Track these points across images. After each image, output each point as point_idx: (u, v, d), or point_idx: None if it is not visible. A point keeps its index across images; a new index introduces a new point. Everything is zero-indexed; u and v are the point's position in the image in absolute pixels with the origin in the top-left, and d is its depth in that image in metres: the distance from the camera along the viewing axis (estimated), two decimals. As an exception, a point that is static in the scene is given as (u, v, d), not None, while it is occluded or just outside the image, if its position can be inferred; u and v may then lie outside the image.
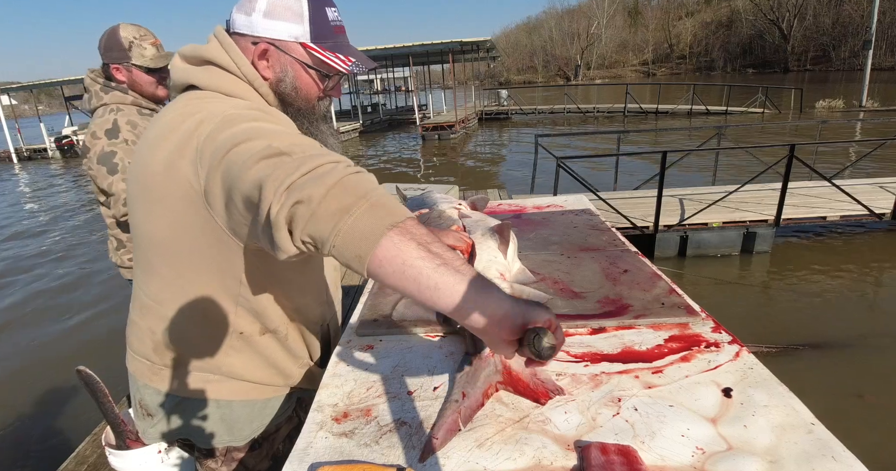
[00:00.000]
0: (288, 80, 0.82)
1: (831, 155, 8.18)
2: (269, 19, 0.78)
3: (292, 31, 0.79)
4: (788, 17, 43.94)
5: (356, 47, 0.86)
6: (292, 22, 0.78)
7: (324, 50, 0.80)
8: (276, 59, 0.81)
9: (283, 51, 0.80)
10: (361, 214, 0.54)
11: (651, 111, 17.64)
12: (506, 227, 1.10)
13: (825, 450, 0.57)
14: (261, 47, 0.80)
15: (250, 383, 0.87)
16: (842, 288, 4.22)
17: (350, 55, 0.82)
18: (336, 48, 0.81)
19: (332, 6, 0.82)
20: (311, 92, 0.85)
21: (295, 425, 0.98)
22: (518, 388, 0.72)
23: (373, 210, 0.54)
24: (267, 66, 0.81)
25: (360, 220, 0.53)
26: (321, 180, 0.54)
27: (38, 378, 3.73)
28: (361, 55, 0.84)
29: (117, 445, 1.49)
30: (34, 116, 23.98)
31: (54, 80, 21.20)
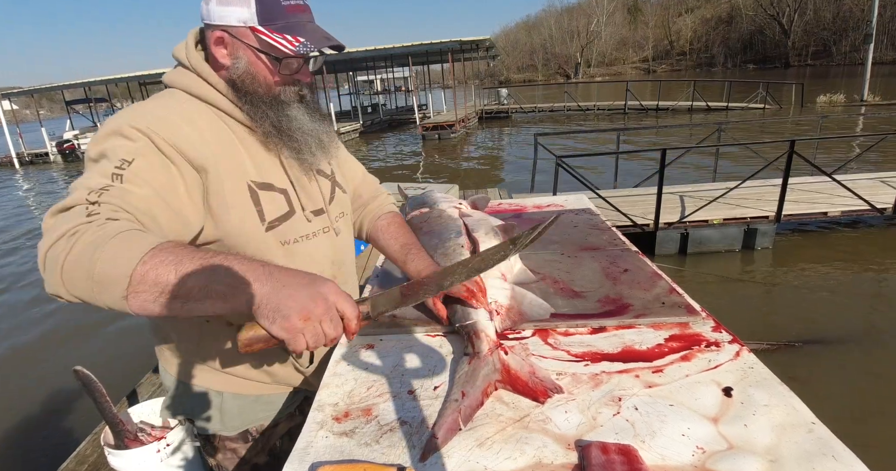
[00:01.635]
0: (241, 66, 0.80)
1: (832, 150, 8.15)
2: (221, 6, 0.77)
3: (241, 16, 0.77)
4: (789, 12, 43.80)
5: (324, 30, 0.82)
6: (241, 6, 0.76)
7: (271, 32, 0.77)
8: (230, 46, 0.79)
9: (236, 37, 0.78)
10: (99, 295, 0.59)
11: (651, 108, 17.60)
12: (511, 227, 1.10)
13: (826, 449, 0.57)
14: (215, 35, 0.79)
15: (238, 377, 0.90)
16: (844, 283, 4.20)
17: (301, 34, 0.77)
18: (286, 29, 0.77)
19: None
20: (268, 77, 0.81)
21: (298, 422, 0.98)
22: (517, 386, 0.72)
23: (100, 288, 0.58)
24: (225, 54, 0.80)
25: (102, 296, 0.58)
26: (55, 263, 0.59)
27: (38, 378, 3.75)
28: (318, 34, 0.79)
29: (116, 445, 1.50)
30: (35, 121, 24.03)
31: (55, 85, 21.25)
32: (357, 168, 1.14)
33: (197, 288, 0.57)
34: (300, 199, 0.87)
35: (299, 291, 0.60)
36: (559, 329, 0.88)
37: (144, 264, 0.57)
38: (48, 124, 21.90)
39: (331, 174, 0.97)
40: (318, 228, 0.90)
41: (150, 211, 0.67)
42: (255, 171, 0.82)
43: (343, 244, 0.98)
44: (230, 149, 0.80)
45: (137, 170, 0.67)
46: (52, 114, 54.87)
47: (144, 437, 1.54)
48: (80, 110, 22.64)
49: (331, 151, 0.93)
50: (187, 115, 0.77)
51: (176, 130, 0.73)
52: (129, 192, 0.66)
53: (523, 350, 0.82)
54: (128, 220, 0.64)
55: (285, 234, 0.84)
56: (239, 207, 0.79)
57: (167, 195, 0.70)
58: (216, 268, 0.58)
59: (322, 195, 0.93)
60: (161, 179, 0.70)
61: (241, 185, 0.80)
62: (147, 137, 0.71)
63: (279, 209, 0.84)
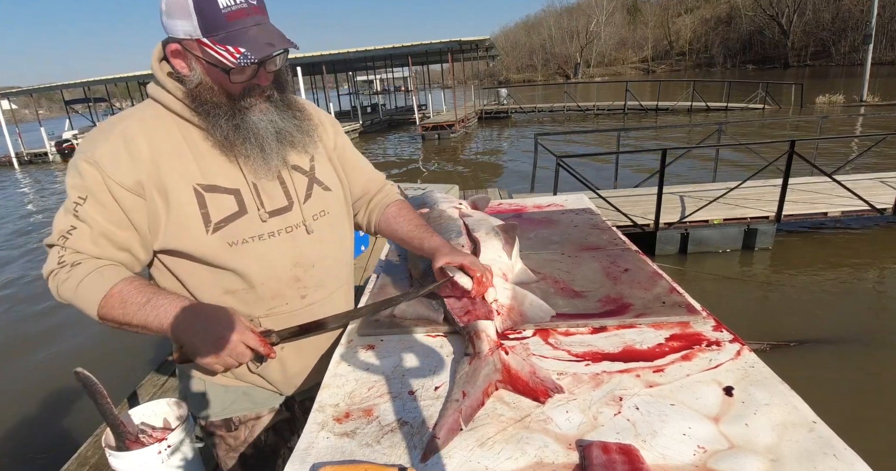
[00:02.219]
0: (195, 78, 0.80)
1: (832, 150, 8.16)
2: (169, 19, 0.78)
3: (185, 29, 0.76)
4: (788, 12, 43.81)
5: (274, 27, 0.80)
6: (183, 19, 0.76)
7: (214, 44, 0.76)
8: (185, 57, 0.80)
9: (187, 49, 0.79)
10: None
11: (651, 108, 17.61)
12: (512, 227, 1.10)
13: (827, 448, 0.57)
14: (171, 47, 0.80)
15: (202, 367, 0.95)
16: (843, 283, 4.21)
17: (242, 44, 0.76)
18: (227, 39, 0.76)
19: None
20: (226, 85, 0.81)
21: (283, 418, 1.02)
22: (517, 386, 0.72)
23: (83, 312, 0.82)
24: (183, 66, 0.81)
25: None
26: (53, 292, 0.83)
27: (39, 380, 3.75)
28: (261, 40, 0.77)
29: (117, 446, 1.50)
30: (35, 121, 24.02)
31: (55, 85, 21.25)
32: (364, 165, 1.12)
33: (138, 327, 0.80)
34: (259, 198, 0.86)
35: (209, 337, 0.78)
36: (560, 329, 0.88)
37: (102, 308, 0.79)
38: (47, 124, 21.89)
39: (309, 171, 0.95)
40: (277, 227, 0.88)
41: (109, 247, 0.82)
42: (200, 174, 0.83)
43: (317, 244, 0.94)
44: (175, 156, 0.82)
45: (88, 209, 0.79)
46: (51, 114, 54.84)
47: (145, 438, 1.53)
48: (79, 110, 22.65)
49: (307, 148, 0.92)
50: (130, 135, 0.81)
51: (115, 163, 0.79)
52: (83, 233, 0.80)
53: (524, 350, 0.82)
54: (88, 260, 0.81)
55: (233, 234, 0.84)
56: (183, 211, 0.82)
57: (116, 229, 0.81)
58: (147, 315, 0.78)
59: (291, 194, 0.90)
60: (109, 215, 0.80)
61: (187, 189, 0.82)
62: (95, 174, 0.79)
63: (227, 210, 0.84)
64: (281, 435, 1.03)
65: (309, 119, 0.93)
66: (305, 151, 0.93)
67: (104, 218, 0.80)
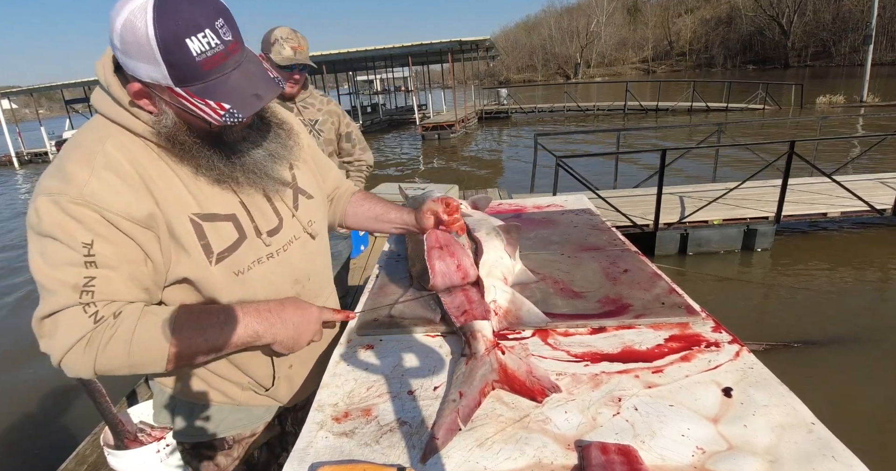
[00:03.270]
0: (168, 122, 0.71)
1: (832, 151, 8.16)
2: (127, 58, 0.65)
3: (151, 74, 0.65)
4: (788, 12, 43.81)
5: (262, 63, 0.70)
6: (148, 64, 0.64)
7: (191, 96, 0.66)
8: (151, 98, 0.70)
9: (155, 91, 0.68)
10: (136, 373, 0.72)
11: (651, 109, 17.61)
12: (514, 228, 1.10)
13: (825, 449, 0.57)
14: (133, 87, 0.68)
15: (206, 388, 0.88)
16: (843, 284, 4.21)
17: (226, 98, 0.66)
18: (206, 92, 0.65)
19: (200, 31, 0.63)
20: (202, 127, 0.72)
21: (276, 433, 0.98)
22: (514, 386, 0.72)
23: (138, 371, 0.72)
24: (148, 104, 0.71)
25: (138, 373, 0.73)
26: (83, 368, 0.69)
27: (38, 378, 3.74)
28: (247, 90, 0.67)
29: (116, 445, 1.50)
30: (35, 120, 24.02)
31: (55, 84, 21.24)
32: (328, 162, 1.10)
33: (225, 348, 0.75)
34: (255, 221, 0.81)
35: (298, 328, 0.81)
36: (559, 329, 0.88)
37: (174, 346, 0.70)
38: (47, 124, 21.90)
39: (292, 181, 0.90)
40: (275, 248, 0.84)
41: (136, 288, 0.72)
42: (195, 202, 0.75)
43: (310, 257, 0.91)
44: (166, 185, 0.73)
45: (103, 252, 0.67)
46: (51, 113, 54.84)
47: (144, 437, 1.54)
48: (79, 110, 22.62)
49: (291, 160, 0.88)
50: (116, 163, 0.70)
51: (114, 196, 0.68)
52: (110, 279, 0.68)
53: (523, 350, 0.82)
54: (126, 306, 0.70)
55: (238, 263, 0.78)
56: (184, 244, 0.74)
57: (138, 267, 0.71)
58: (235, 333, 0.75)
59: (280, 210, 0.86)
60: (126, 254, 0.69)
61: (183, 220, 0.74)
62: (90, 214, 0.67)
63: (228, 238, 0.77)
64: (272, 452, 0.99)
65: (288, 130, 0.88)
66: (286, 162, 0.88)
67: (124, 258, 0.69)
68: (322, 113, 2.04)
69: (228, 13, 0.67)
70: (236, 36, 0.67)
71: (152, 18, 0.61)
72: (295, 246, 0.88)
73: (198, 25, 0.62)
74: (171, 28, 0.61)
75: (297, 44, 1.79)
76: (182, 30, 0.62)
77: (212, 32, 0.64)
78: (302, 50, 1.80)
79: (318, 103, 2.04)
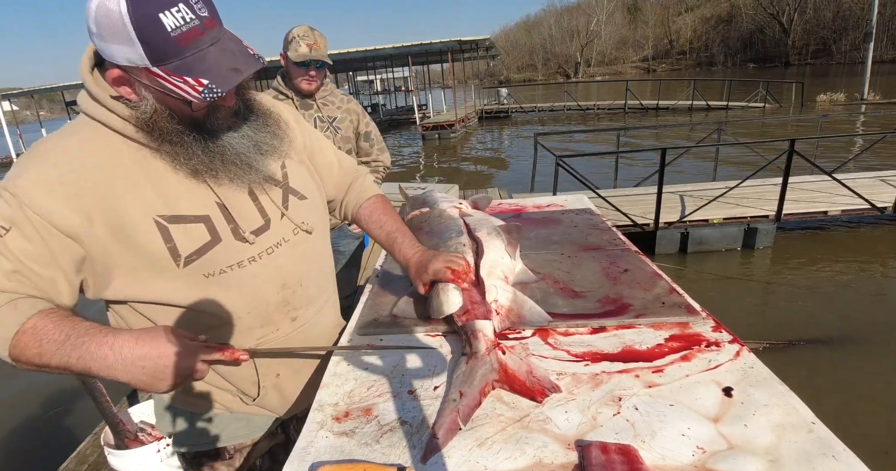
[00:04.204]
0: (147, 107, 0.69)
1: (832, 149, 8.15)
2: (103, 42, 0.64)
3: (127, 55, 0.63)
4: (788, 10, 43.76)
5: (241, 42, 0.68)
6: (123, 45, 0.62)
7: (168, 74, 0.64)
8: (131, 84, 0.68)
9: (133, 76, 0.67)
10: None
11: (651, 107, 17.59)
12: (516, 228, 1.10)
13: (826, 449, 0.57)
14: (112, 73, 0.67)
15: (200, 398, 0.86)
16: (844, 282, 4.20)
17: (203, 73, 0.64)
18: (183, 69, 0.64)
19: (174, 6, 0.62)
20: (185, 110, 0.70)
21: (279, 441, 0.96)
22: (514, 386, 0.72)
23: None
24: (129, 92, 0.69)
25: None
26: None
27: (38, 378, 3.75)
28: (224, 65, 0.66)
29: (116, 444, 1.50)
30: (35, 122, 24.06)
31: (55, 86, 21.26)
32: (334, 159, 1.03)
33: (57, 369, 0.67)
34: (233, 221, 0.77)
35: (152, 371, 0.67)
36: (559, 329, 0.88)
37: (14, 347, 0.65)
38: (48, 125, 21.94)
39: (282, 180, 0.85)
40: (257, 251, 0.79)
41: (23, 283, 0.68)
42: (161, 203, 0.72)
43: (301, 260, 0.87)
44: (129, 186, 0.70)
45: (8, 241, 0.66)
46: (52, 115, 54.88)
47: (144, 437, 1.54)
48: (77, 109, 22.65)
49: (279, 154, 0.84)
50: (70, 163, 0.68)
51: (45, 197, 0.66)
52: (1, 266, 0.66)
53: (523, 350, 0.82)
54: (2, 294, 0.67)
55: (209, 265, 0.75)
56: (145, 249, 0.71)
57: (38, 268, 0.68)
58: (68, 356, 0.65)
59: (267, 210, 0.82)
60: (32, 252, 0.67)
61: (146, 222, 0.71)
62: (20, 205, 0.66)
63: (198, 240, 0.74)
64: (276, 459, 0.96)
65: (277, 121, 0.84)
66: (278, 159, 0.84)
67: (24, 255, 0.67)
68: (341, 111, 2.06)
69: None
70: (212, 13, 0.66)
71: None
72: (283, 249, 0.83)
73: (167, 2, 0.61)
74: (143, 4, 0.61)
75: (312, 41, 1.81)
76: (155, 5, 0.61)
77: (186, 7, 0.63)
78: (318, 47, 1.82)
79: (337, 101, 2.06)
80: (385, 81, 31.27)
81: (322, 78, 1.96)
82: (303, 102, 1.97)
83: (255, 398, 0.87)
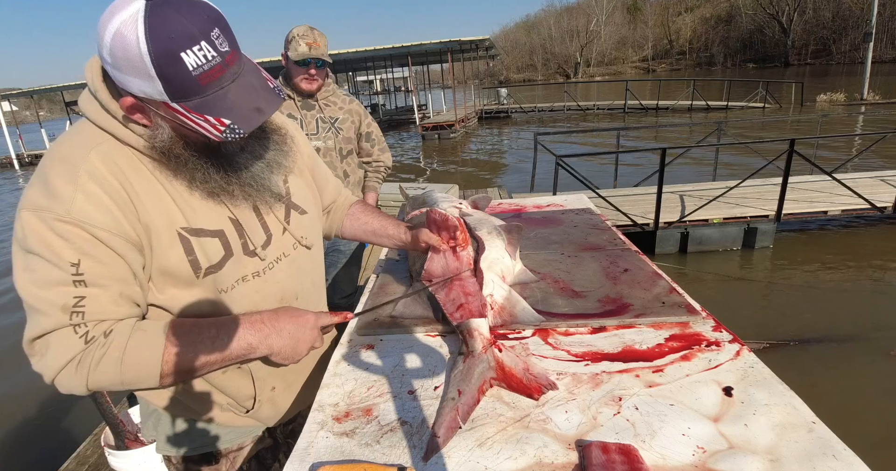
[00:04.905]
0: (164, 136, 0.68)
1: (832, 149, 8.15)
2: (118, 72, 0.62)
3: (145, 89, 0.62)
4: (788, 10, 43.76)
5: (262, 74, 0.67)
6: (141, 79, 0.61)
7: (188, 111, 0.62)
8: (145, 112, 0.67)
9: (150, 105, 0.65)
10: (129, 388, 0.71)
11: (651, 107, 17.60)
12: (516, 228, 1.10)
13: (826, 448, 0.57)
14: (125, 102, 0.65)
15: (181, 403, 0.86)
16: (844, 282, 4.20)
17: (226, 113, 0.63)
18: (204, 107, 0.62)
19: (195, 44, 0.59)
20: (201, 140, 0.69)
21: (267, 445, 0.96)
22: (511, 383, 0.73)
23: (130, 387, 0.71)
24: (142, 118, 0.68)
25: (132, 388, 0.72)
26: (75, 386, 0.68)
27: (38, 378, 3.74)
28: (247, 104, 0.65)
29: (116, 445, 1.50)
30: (35, 122, 24.05)
31: (55, 86, 21.26)
32: (330, 176, 1.06)
33: (217, 363, 0.73)
34: (244, 237, 0.78)
35: (292, 340, 0.76)
36: (559, 329, 0.88)
37: (166, 363, 0.68)
38: (48, 126, 21.94)
39: (285, 195, 0.86)
40: (261, 266, 0.81)
41: (125, 305, 0.69)
42: (182, 216, 0.72)
43: (298, 274, 0.88)
44: (153, 197, 0.70)
45: (91, 270, 0.65)
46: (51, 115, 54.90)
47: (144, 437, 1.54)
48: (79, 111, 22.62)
49: (287, 170, 0.85)
50: (100, 176, 0.67)
51: (101, 212, 0.65)
52: (99, 298, 0.66)
53: (524, 350, 0.82)
54: (117, 324, 0.68)
55: (222, 281, 0.76)
56: (169, 260, 0.71)
57: (127, 286, 0.69)
58: (228, 346, 0.72)
59: (270, 226, 0.83)
60: (115, 272, 0.67)
61: (170, 234, 0.71)
62: (81, 231, 0.64)
63: (215, 255, 0.75)
64: (262, 463, 0.96)
65: (284, 136, 0.85)
66: (282, 174, 0.85)
67: (113, 277, 0.67)
68: (343, 111, 2.06)
69: (224, 21, 0.63)
70: (233, 45, 0.64)
71: (144, 32, 0.58)
72: (283, 264, 0.84)
73: (193, 38, 0.59)
74: (164, 42, 0.58)
75: (312, 40, 1.82)
76: (177, 43, 0.58)
77: (208, 45, 0.60)
78: (317, 46, 1.83)
79: (340, 101, 2.06)
80: (385, 82, 31.30)
81: (323, 77, 1.96)
82: (305, 103, 1.97)
83: (249, 411, 0.88)
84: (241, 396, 0.86)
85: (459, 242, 0.99)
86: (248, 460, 0.93)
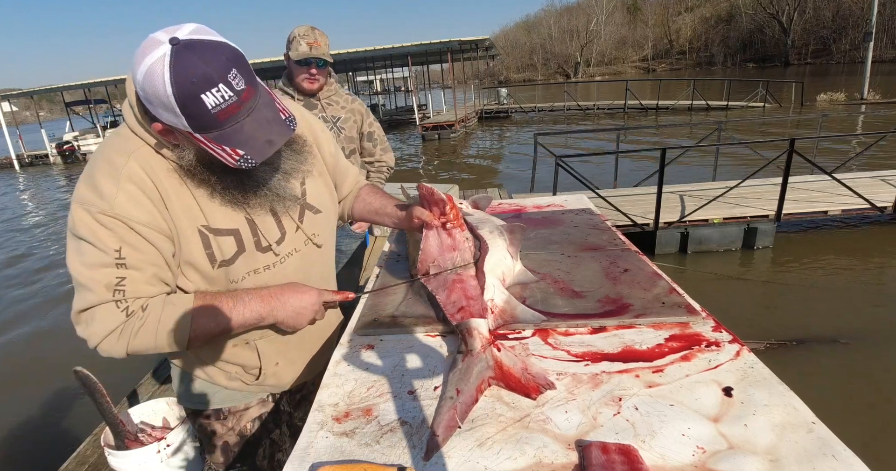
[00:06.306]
0: (191, 157, 0.79)
1: (832, 149, 8.15)
2: (149, 104, 0.72)
3: (171, 121, 0.71)
4: (788, 10, 43.74)
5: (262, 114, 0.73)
6: (168, 112, 0.70)
7: (209, 141, 0.71)
8: (173, 134, 0.77)
9: (177, 130, 0.74)
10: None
11: (651, 107, 17.59)
12: (518, 228, 1.10)
13: (826, 449, 0.57)
14: (157, 126, 0.75)
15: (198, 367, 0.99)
16: (844, 282, 4.20)
17: (241, 144, 0.71)
18: (222, 139, 0.71)
19: (214, 86, 0.67)
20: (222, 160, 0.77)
21: (270, 409, 1.07)
22: (510, 383, 0.73)
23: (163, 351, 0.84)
24: (171, 139, 0.78)
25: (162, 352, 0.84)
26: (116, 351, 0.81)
27: (38, 378, 3.75)
28: (260, 137, 0.73)
29: (116, 445, 1.50)
30: (35, 122, 24.05)
31: (55, 86, 21.27)
32: (347, 163, 1.14)
33: (236, 328, 0.86)
34: (257, 235, 0.88)
35: (297, 310, 0.89)
36: (559, 329, 0.88)
37: (194, 331, 0.82)
38: (48, 126, 21.91)
39: (301, 196, 0.94)
40: (272, 260, 0.90)
41: (158, 285, 0.82)
42: (204, 216, 0.83)
43: (307, 269, 0.97)
44: (179, 197, 0.81)
45: (130, 256, 0.78)
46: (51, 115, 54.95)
47: (145, 437, 1.54)
48: (79, 112, 22.65)
49: (304, 174, 0.94)
50: (138, 177, 0.78)
51: (138, 209, 0.78)
52: (136, 279, 0.79)
53: (524, 350, 0.82)
54: (151, 300, 0.81)
55: (234, 273, 0.87)
56: (191, 252, 0.83)
57: (160, 270, 0.82)
58: (243, 315, 0.85)
59: (284, 224, 0.92)
60: (150, 258, 0.80)
61: (192, 230, 0.82)
62: (121, 225, 0.76)
63: (228, 251, 0.86)
64: (265, 427, 1.06)
65: (303, 142, 0.94)
66: (299, 177, 0.93)
67: (148, 261, 0.79)
68: (346, 111, 2.06)
69: (242, 60, 0.71)
70: (249, 81, 0.71)
71: (169, 76, 0.66)
72: (294, 258, 0.94)
73: (211, 81, 0.67)
74: (187, 86, 0.66)
75: (313, 40, 1.82)
76: (197, 87, 0.67)
77: (225, 86, 0.68)
78: (318, 45, 1.83)
79: (342, 101, 2.06)
80: (385, 82, 31.30)
81: (324, 77, 1.96)
82: (307, 102, 1.97)
83: (256, 379, 1.00)
84: (248, 366, 0.98)
85: (450, 218, 1.01)
86: (251, 421, 1.05)
